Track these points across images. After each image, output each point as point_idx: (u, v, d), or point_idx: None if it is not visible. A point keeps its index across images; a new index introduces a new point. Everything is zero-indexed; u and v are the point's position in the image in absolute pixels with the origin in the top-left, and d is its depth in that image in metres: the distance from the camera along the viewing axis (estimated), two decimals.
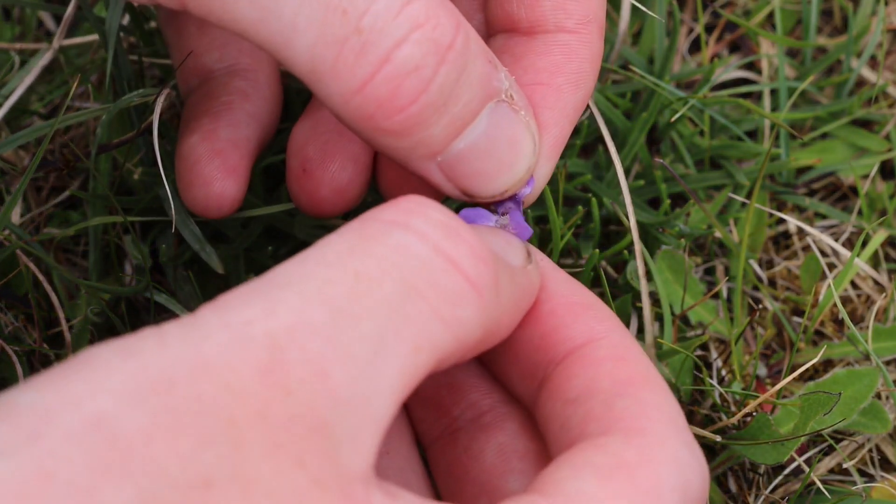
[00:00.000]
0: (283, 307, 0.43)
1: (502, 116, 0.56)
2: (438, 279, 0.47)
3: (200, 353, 0.41)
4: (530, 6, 0.61)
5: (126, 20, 0.77)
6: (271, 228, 0.78)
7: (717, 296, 0.80)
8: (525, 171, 0.58)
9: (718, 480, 0.75)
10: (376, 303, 0.45)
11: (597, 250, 0.73)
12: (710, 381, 0.73)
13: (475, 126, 0.55)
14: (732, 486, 0.75)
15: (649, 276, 0.81)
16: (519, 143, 0.57)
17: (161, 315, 0.77)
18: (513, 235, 0.56)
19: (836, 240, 0.85)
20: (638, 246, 0.72)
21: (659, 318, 0.76)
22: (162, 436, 0.39)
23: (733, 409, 0.73)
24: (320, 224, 0.75)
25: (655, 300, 0.80)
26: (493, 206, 0.59)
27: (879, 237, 0.81)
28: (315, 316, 0.44)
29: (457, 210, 0.56)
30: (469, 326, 0.48)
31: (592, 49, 0.61)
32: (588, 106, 0.70)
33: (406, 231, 0.47)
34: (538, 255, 0.57)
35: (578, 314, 0.55)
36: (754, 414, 0.71)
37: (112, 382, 0.40)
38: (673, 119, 0.80)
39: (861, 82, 0.92)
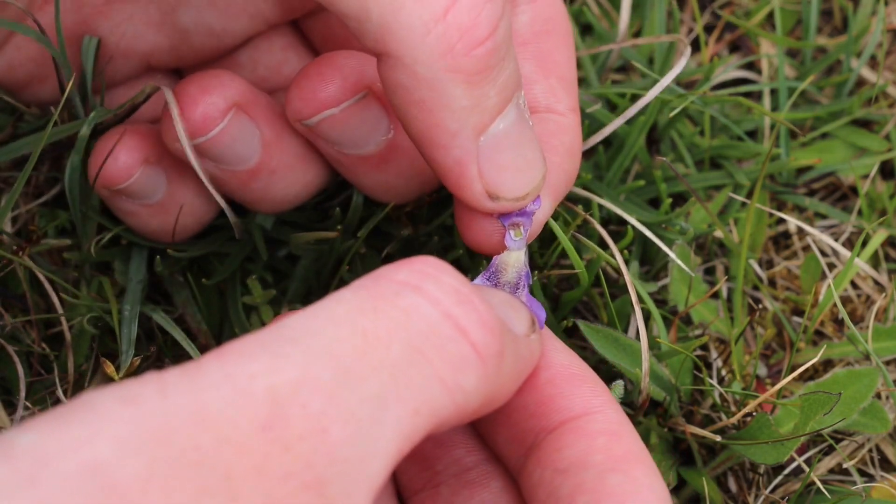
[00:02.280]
0: (288, 363, 0.43)
1: (522, 117, 0.59)
2: (445, 345, 0.47)
3: (201, 404, 0.41)
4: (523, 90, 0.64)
5: None
6: (267, 236, 0.78)
7: (716, 295, 0.80)
8: (542, 176, 0.60)
9: (718, 480, 0.75)
10: (381, 363, 0.45)
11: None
12: (710, 381, 0.73)
13: (509, 111, 0.58)
14: (732, 486, 0.75)
15: (649, 278, 0.81)
16: (536, 144, 0.60)
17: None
18: (520, 302, 0.57)
19: (836, 240, 0.85)
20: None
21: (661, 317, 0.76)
22: (158, 486, 0.39)
23: (733, 408, 0.73)
24: (316, 242, 0.75)
25: (657, 301, 0.80)
26: (503, 219, 0.60)
27: (879, 237, 0.81)
28: (319, 374, 0.44)
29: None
30: (470, 394, 0.48)
31: (579, 133, 0.65)
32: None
33: (418, 294, 0.48)
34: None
35: (576, 386, 0.56)
36: (754, 414, 0.71)
37: (111, 429, 0.40)
38: (672, 115, 0.80)
39: (861, 82, 0.92)
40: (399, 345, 0.46)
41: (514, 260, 0.61)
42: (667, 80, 0.74)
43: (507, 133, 0.58)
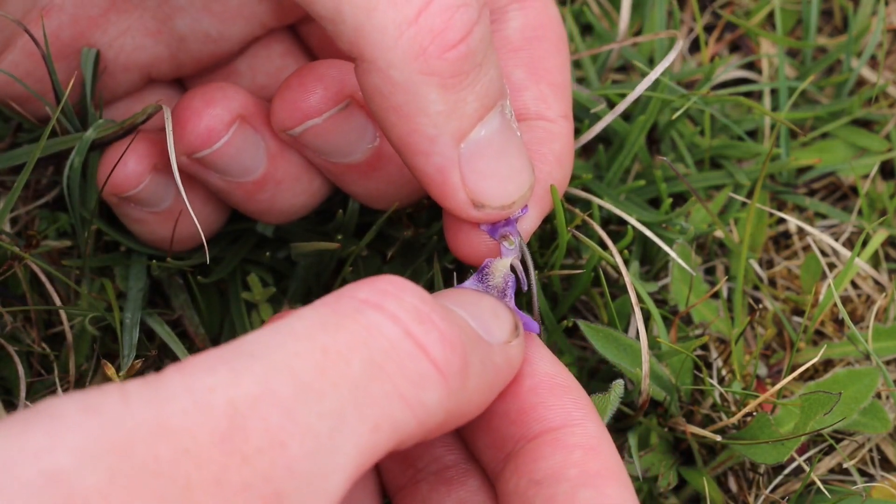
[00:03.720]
0: (248, 377, 0.44)
1: (507, 125, 0.59)
2: (405, 362, 0.48)
3: (161, 415, 0.42)
4: (512, 97, 0.64)
5: None
6: (263, 239, 0.78)
7: (717, 295, 0.80)
8: (529, 186, 0.60)
9: (718, 480, 0.75)
10: (341, 379, 0.46)
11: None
12: (711, 380, 0.73)
13: (491, 118, 0.57)
14: (732, 486, 0.75)
15: (649, 278, 0.81)
16: (523, 153, 0.60)
17: (158, 316, 0.77)
18: (504, 307, 0.57)
19: (836, 240, 0.85)
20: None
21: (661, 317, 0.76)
22: (118, 495, 0.40)
23: (733, 408, 0.73)
24: (318, 252, 0.74)
25: (657, 301, 0.80)
26: (490, 231, 0.60)
27: (879, 237, 0.81)
28: (279, 388, 0.44)
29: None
30: (432, 410, 0.48)
31: (570, 140, 0.65)
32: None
33: (378, 312, 0.48)
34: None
35: (558, 396, 0.56)
36: (754, 414, 0.71)
37: (71, 438, 0.40)
38: (674, 116, 0.80)
39: (861, 82, 0.92)
40: (359, 361, 0.46)
41: (503, 265, 0.61)
42: (658, 70, 0.74)
43: (489, 140, 0.57)
